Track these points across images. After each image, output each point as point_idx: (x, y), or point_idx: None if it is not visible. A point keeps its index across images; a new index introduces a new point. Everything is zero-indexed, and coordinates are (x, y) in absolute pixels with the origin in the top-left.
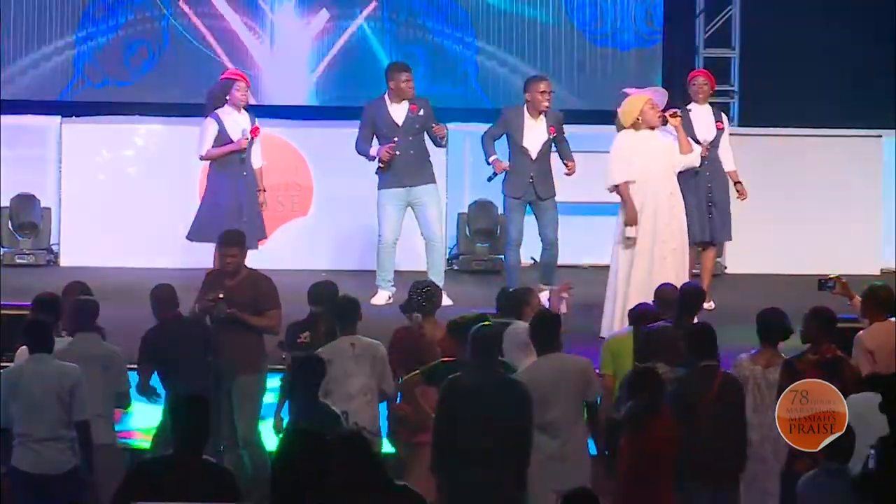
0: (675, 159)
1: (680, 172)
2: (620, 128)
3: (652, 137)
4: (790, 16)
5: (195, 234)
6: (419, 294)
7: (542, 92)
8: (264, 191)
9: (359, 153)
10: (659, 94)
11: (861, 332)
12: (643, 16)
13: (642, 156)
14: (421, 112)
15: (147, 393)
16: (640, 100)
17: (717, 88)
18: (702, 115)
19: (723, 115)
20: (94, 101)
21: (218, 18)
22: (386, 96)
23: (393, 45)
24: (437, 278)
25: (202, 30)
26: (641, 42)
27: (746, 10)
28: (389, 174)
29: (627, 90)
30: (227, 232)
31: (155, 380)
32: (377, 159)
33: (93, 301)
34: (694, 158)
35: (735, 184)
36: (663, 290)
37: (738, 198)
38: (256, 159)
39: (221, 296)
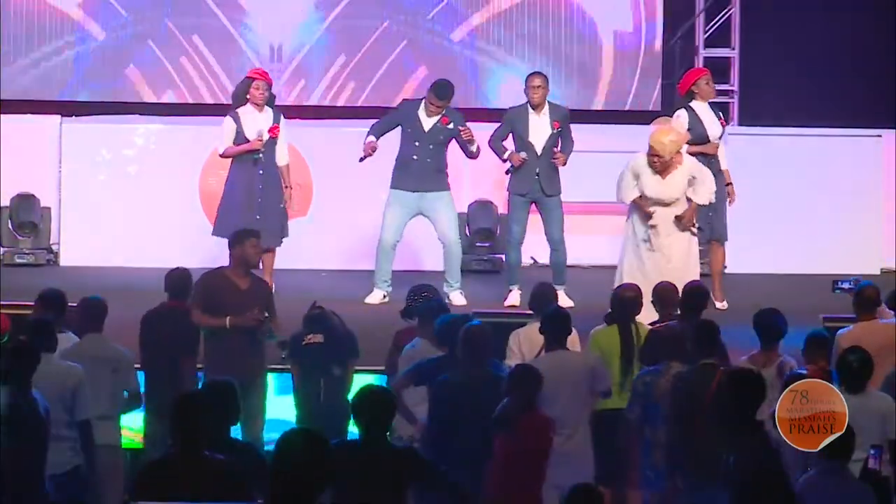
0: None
1: None
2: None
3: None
4: (790, 16)
5: (216, 230)
6: (417, 300)
7: (533, 87)
8: (290, 188)
9: (368, 132)
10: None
11: (841, 331)
12: (643, 15)
13: (646, 188)
14: (451, 125)
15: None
16: (649, 142)
17: (716, 88)
18: (707, 113)
19: (720, 112)
20: (94, 101)
21: (220, 18)
22: (423, 102)
23: (393, 44)
24: (454, 281)
25: (203, 29)
26: (641, 42)
27: (746, 10)
28: (403, 176)
29: (658, 120)
30: (241, 230)
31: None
32: (363, 148)
33: (101, 301)
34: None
35: (727, 184)
36: (661, 289)
37: (728, 200)
38: (282, 157)
39: (267, 314)
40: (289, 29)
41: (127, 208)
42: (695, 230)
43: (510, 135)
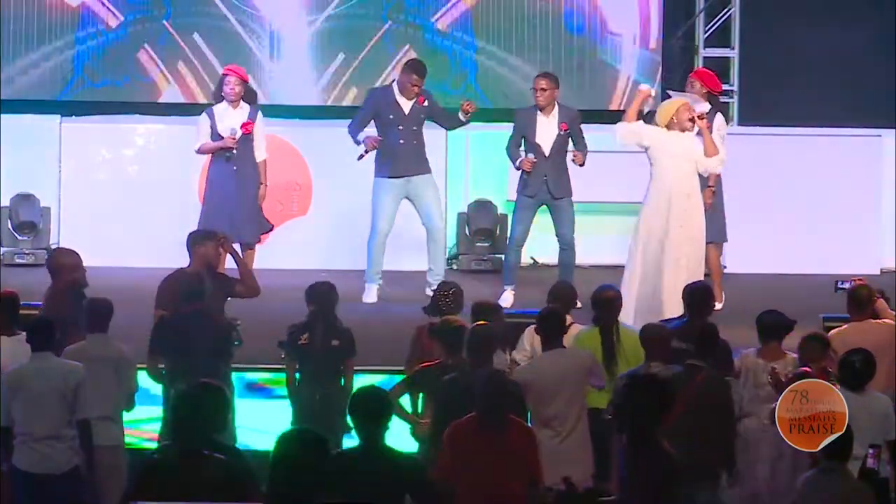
0: (699, 161)
1: None
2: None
3: (682, 139)
4: (790, 16)
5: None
6: (445, 296)
7: (538, 88)
8: (265, 185)
9: (349, 133)
10: (699, 104)
11: (832, 331)
12: (643, 15)
13: (669, 155)
14: (426, 103)
15: (157, 376)
16: (677, 102)
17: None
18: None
19: (719, 116)
20: (94, 101)
21: (219, 18)
22: (395, 85)
23: (393, 44)
24: (438, 268)
25: (203, 28)
26: (641, 42)
27: (746, 10)
28: (391, 163)
29: (670, 92)
30: (202, 230)
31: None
32: (364, 147)
33: (106, 301)
34: (715, 164)
35: (707, 186)
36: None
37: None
38: (259, 153)
39: (239, 322)
40: (290, 28)
41: (127, 208)
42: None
43: (523, 139)
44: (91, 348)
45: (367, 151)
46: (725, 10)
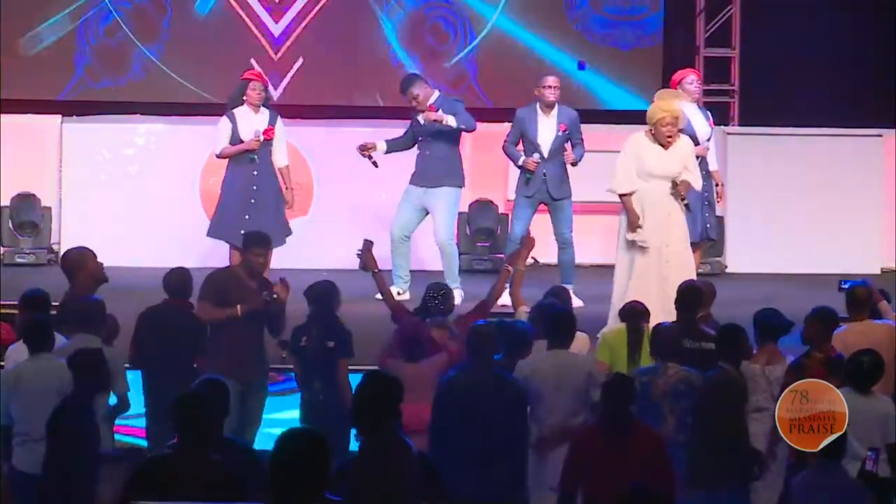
0: (676, 172)
1: None
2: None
3: (664, 158)
4: (790, 16)
5: (211, 231)
6: (434, 298)
7: (548, 87)
8: (292, 189)
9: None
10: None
11: (836, 331)
12: (643, 15)
13: (650, 178)
14: (439, 112)
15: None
16: (659, 112)
17: (716, 88)
18: (695, 113)
19: (708, 113)
20: (94, 101)
21: (219, 17)
22: None
23: (393, 43)
24: (453, 282)
25: (203, 29)
26: (641, 42)
27: (746, 10)
28: (414, 171)
29: (662, 91)
30: (252, 233)
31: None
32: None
33: (95, 302)
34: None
35: (716, 185)
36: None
37: (717, 200)
38: (280, 158)
39: (276, 295)
40: (290, 28)
41: (127, 208)
42: (686, 203)
43: (521, 139)
44: (76, 349)
45: (361, 153)
46: (725, 10)
